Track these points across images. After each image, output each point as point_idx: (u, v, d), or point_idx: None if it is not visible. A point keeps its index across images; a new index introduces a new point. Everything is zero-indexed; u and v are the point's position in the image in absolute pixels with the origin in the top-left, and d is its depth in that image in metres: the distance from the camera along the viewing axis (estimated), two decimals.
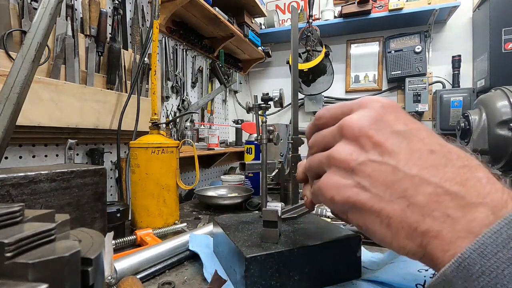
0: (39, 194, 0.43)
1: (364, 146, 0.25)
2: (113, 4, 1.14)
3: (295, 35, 0.53)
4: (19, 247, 0.15)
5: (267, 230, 0.39)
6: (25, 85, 0.42)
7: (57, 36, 0.88)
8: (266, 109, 0.53)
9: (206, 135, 1.76)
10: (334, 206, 0.27)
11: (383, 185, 0.24)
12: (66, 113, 0.86)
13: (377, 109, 0.26)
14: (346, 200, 0.25)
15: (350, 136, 0.26)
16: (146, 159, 0.69)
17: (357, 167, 0.25)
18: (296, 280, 0.37)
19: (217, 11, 1.60)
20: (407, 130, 0.25)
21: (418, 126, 0.26)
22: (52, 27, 0.46)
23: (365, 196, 0.24)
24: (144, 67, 1.16)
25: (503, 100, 1.18)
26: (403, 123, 0.26)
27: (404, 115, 0.26)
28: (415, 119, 0.27)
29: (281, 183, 0.77)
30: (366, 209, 0.24)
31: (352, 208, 0.26)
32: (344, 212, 0.27)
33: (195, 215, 0.84)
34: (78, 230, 0.22)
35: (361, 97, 0.29)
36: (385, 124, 0.25)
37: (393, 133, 0.25)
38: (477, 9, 1.96)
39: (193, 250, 0.51)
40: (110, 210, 0.59)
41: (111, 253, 0.38)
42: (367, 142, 0.25)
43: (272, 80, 2.72)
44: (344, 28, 2.29)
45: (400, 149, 0.24)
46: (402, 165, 0.24)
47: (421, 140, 0.24)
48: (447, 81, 2.12)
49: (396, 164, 0.24)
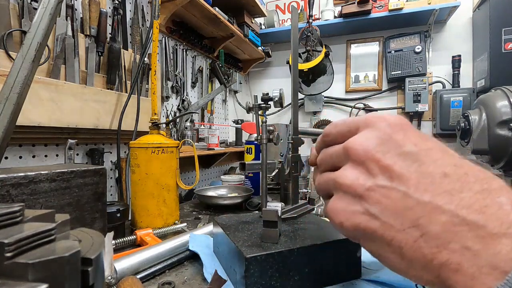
0: (39, 194, 0.43)
1: (371, 170, 0.24)
2: (113, 4, 1.14)
3: (295, 35, 0.53)
4: (19, 247, 0.15)
5: (267, 230, 0.39)
6: (25, 85, 0.42)
7: (57, 36, 0.88)
8: (266, 109, 0.53)
9: (206, 135, 1.76)
10: (345, 232, 0.26)
11: (393, 213, 0.22)
12: (66, 113, 0.86)
13: (383, 129, 0.25)
14: (356, 228, 0.24)
15: (356, 159, 0.25)
16: (146, 159, 0.69)
17: (365, 193, 0.24)
18: (296, 280, 0.37)
19: (217, 11, 1.60)
20: (417, 151, 0.23)
21: (430, 145, 0.24)
22: (52, 27, 0.46)
23: (375, 224, 0.23)
24: (144, 67, 1.16)
25: (503, 100, 1.19)
26: (413, 143, 0.24)
27: (413, 133, 0.25)
28: (426, 136, 0.25)
29: (281, 183, 0.77)
30: (377, 237, 0.23)
31: (363, 235, 0.24)
32: (356, 238, 0.26)
33: (195, 215, 0.84)
34: (78, 230, 0.22)
35: (368, 115, 0.27)
36: (393, 145, 0.24)
37: (402, 155, 0.23)
38: (477, 9, 1.96)
39: (193, 250, 0.51)
40: (110, 210, 0.59)
41: (111, 253, 0.38)
42: (374, 166, 0.24)
43: (272, 80, 2.72)
44: (344, 28, 2.29)
45: (410, 173, 0.22)
46: (413, 191, 0.22)
47: (433, 162, 0.22)
48: (447, 81, 2.12)
49: (407, 190, 0.22)
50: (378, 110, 2.30)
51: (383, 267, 0.43)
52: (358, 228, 0.24)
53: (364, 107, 2.34)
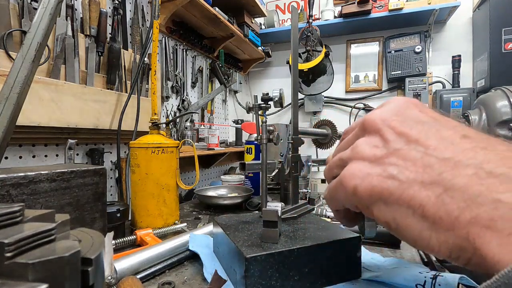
0: (39, 194, 0.43)
1: (388, 137, 0.23)
2: (113, 4, 1.14)
3: (295, 35, 0.53)
4: (19, 247, 0.15)
5: (267, 230, 0.39)
6: (25, 85, 0.42)
7: (57, 36, 0.88)
8: (266, 109, 0.53)
9: (206, 135, 1.76)
10: (357, 199, 0.24)
11: (412, 171, 0.21)
12: (66, 113, 0.86)
13: (399, 103, 0.25)
14: (371, 190, 0.22)
15: (372, 130, 0.24)
16: (146, 159, 0.69)
17: (382, 157, 0.23)
18: (296, 280, 0.37)
19: (217, 11, 1.60)
20: (434, 120, 0.23)
21: (447, 118, 0.23)
22: (52, 27, 0.46)
23: (393, 184, 0.21)
24: (144, 67, 1.16)
25: (503, 100, 1.19)
26: (430, 116, 0.23)
27: (430, 110, 0.24)
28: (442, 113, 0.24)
29: (281, 183, 0.77)
30: (395, 200, 0.21)
31: (378, 200, 0.22)
32: (368, 206, 0.23)
33: (195, 215, 0.84)
34: (78, 230, 0.22)
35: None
36: (409, 115, 0.23)
37: (419, 123, 0.23)
38: (477, 9, 1.96)
39: (193, 250, 0.51)
40: (110, 210, 0.59)
41: (111, 253, 0.38)
42: (390, 133, 0.23)
43: (272, 80, 2.72)
44: (344, 28, 2.29)
45: (427, 136, 0.21)
46: (432, 150, 0.20)
47: (452, 127, 0.22)
48: (447, 81, 2.12)
49: (425, 150, 0.21)
50: None
51: (383, 267, 0.43)
52: (374, 191, 0.22)
53: (364, 107, 2.34)
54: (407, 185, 0.21)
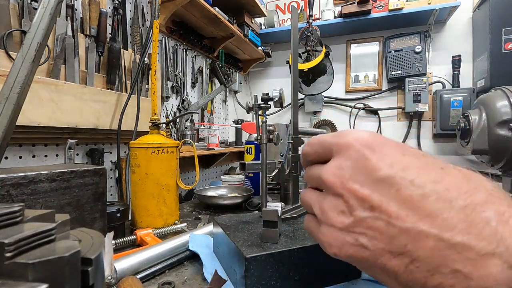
0: (39, 194, 0.43)
1: (350, 203, 0.24)
2: (113, 4, 1.14)
3: (295, 35, 0.53)
4: (19, 247, 0.15)
5: (267, 230, 0.39)
6: (25, 85, 0.42)
7: (57, 36, 0.88)
8: (266, 109, 0.53)
9: (206, 135, 1.76)
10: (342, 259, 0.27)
11: (380, 242, 0.23)
12: (66, 113, 0.86)
13: (356, 153, 0.25)
14: (349, 258, 0.25)
15: (333, 192, 0.25)
16: (146, 159, 0.69)
17: (350, 226, 0.24)
18: (296, 280, 0.37)
19: (217, 11, 1.60)
20: (393, 175, 0.23)
21: (406, 163, 0.23)
22: (52, 27, 0.46)
23: (366, 253, 0.23)
24: (144, 67, 1.16)
25: (503, 100, 1.19)
26: (388, 164, 0.23)
27: (388, 151, 0.24)
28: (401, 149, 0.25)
29: (281, 183, 0.77)
30: (371, 265, 0.24)
31: (358, 263, 0.25)
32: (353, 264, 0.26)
33: (195, 215, 0.84)
34: (78, 230, 0.22)
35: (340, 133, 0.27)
36: (368, 171, 0.24)
37: (378, 183, 0.23)
38: (477, 9, 1.96)
39: (193, 250, 0.51)
40: (110, 210, 0.59)
41: (111, 253, 0.38)
42: (352, 198, 0.24)
43: (272, 80, 2.72)
44: (344, 28, 2.29)
45: (388, 201, 0.22)
46: (395, 219, 0.22)
47: (411, 183, 0.22)
48: (447, 81, 2.12)
49: (388, 219, 0.22)
50: (378, 110, 2.30)
51: None
52: (352, 259, 0.25)
53: (364, 107, 2.34)
54: (378, 254, 0.23)
